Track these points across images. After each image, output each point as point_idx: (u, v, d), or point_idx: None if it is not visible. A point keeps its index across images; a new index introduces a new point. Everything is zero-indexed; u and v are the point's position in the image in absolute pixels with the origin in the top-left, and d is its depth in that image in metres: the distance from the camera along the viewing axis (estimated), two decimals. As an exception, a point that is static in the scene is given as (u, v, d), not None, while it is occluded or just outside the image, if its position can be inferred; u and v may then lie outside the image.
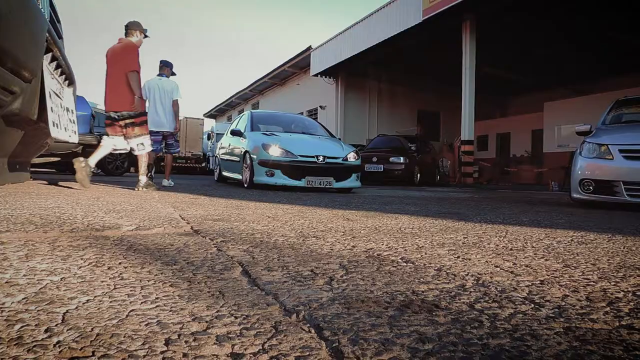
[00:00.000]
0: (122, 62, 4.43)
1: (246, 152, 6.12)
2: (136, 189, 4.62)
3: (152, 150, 5.13)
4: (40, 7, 1.14)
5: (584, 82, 15.42)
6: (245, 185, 6.13)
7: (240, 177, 6.52)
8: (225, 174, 7.68)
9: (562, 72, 14.92)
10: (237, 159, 6.74)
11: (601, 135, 4.55)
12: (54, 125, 1.12)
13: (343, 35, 14.99)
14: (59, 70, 1.32)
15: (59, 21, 1.54)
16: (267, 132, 6.50)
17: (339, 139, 7.47)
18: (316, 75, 16.79)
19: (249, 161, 6.02)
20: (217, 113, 31.81)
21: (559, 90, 16.03)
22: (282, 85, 21.47)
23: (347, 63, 15.14)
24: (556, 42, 12.44)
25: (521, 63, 14.37)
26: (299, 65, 18.55)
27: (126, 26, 4.72)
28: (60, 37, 1.55)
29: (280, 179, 5.64)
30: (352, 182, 6.08)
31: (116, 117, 4.53)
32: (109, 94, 4.53)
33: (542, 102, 15.54)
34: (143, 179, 4.68)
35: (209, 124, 22.38)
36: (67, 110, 1.39)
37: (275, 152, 5.70)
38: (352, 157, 6.13)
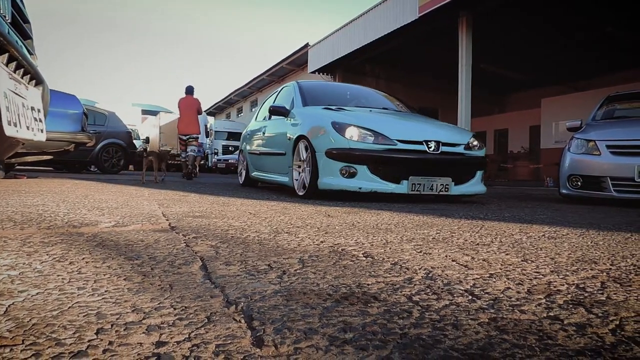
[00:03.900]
0: (196, 108, 8.16)
1: (300, 138, 4.07)
2: (194, 177, 8.38)
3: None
4: (-1, 8, 1.17)
5: (581, 79, 15.41)
6: (301, 193, 3.98)
7: (285, 179, 4.44)
8: (257, 175, 5.54)
9: (560, 68, 14.90)
10: (280, 151, 4.59)
11: (589, 131, 4.57)
12: (10, 124, 1.15)
13: (340, 33, 15.00)
14: (21, 70, 1.35)
15: (26, 22, 1.57)
16: (332, 107, 4.30)
17: None
18: (314, 72, 16.80)
19: (305, 153, 3.98)
20: (215, 111, 31.86)
21: (556, 86, 16.01)
22: (280, 82, 21.47)
23: (344, 60, 15.15)
24: (553, 39, 12.43)
25: (519, 60, 14.35)
26: (297, 62, 18.57)
27: (190, 88, 8.28)
28: (28, 37, 1.58)
29: (366, 181, 3.58)
30: (477, 184, 4.00)
31: (184, 138, 8.10)
32: (185, 124, 8.07)
33: (539, 98, 15.54)
34: (185, 174, 8.23)
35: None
36: (33, 109, 1.42)
37: (355, 134, 3.63)
38: (475, 144, 4.04)
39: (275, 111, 4.74)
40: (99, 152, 9.10)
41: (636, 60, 12.72)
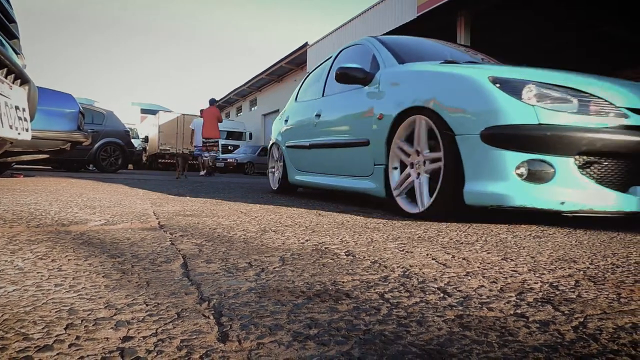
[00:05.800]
0: (216, 117, 10.58)
1: (406, 113, 2.54)
2: (203, 176, 10.26)
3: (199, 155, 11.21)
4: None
5: (581, 78, 15.39)
6: (414, 210, 2.46)
7: (369, 184, 2.94)
8: (303, 179, 3.94)
9: (559, 68, 14.89)
10: (356, 139, 3.08)
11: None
12: (-10, 124, 1.17)
13: (339, 32, 15.02)
14: (4, 69, 1.37)
15: (12, 21, 1.59)
16: (459, 61, 2.80)
17: None
18: (313, 71, 16.82)
19: (407, 144, 2.56)
20: (216, 109, 31.90)
21: (556, 86, 16.01)
22: (279, 82, 21.49)
23: (343, 59, 15.16)
24: (553, 38, 12.43)
25: (518, 59, 14.35)
26: (296, 61, 18.58)
27: (213, 100, 10.90)
28: (14, 37, 1.60)
29: (571, 188, 2.04)
30: None
31: (205, 141, 10.53)
32: (208, 129, 10.45)
33: (539, 98, 15.53)
34: (207, 172, 10.80)
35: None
36: (17, 108, 1.43)
37: (541, 98, 2.07)
38: None
39: (345, 76, 3.03)
40: (97, 151, 9.13)
41: (636, 60, 12.72)
